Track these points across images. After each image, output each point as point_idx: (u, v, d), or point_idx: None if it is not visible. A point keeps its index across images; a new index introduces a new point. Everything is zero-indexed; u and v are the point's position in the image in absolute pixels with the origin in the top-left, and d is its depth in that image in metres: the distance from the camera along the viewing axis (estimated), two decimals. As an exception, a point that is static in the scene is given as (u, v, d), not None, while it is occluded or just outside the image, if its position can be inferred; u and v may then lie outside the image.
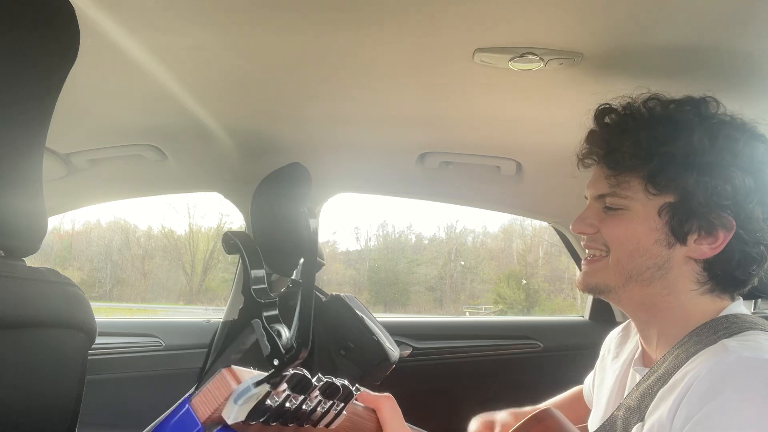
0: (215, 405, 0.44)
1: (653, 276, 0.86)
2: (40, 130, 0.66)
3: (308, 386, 0.49)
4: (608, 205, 0.89)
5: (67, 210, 2.05)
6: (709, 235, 0.83)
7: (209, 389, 0.45)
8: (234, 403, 0.44)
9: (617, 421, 0.85)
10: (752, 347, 0.74)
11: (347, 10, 0.94)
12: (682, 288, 0.86)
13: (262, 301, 0.46)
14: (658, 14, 0.91)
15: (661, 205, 0.85)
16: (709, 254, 0.84)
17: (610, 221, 0.89)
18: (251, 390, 0.45)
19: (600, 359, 1.11)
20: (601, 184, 0.91)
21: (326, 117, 1.47)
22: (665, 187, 0.84)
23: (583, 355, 1.22)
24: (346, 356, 1.60)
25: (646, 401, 0.80)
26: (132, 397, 1.93)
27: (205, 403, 0.44)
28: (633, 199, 0.87)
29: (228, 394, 0.44)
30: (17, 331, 0.61)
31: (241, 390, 0.45)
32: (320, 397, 0.53)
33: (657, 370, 0.84)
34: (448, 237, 9.51)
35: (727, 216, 0.82)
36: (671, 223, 0.84)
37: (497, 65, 1.08)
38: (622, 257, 0.87)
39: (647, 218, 0.86)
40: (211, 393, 0.45)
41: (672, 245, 0.85)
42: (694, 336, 0.82)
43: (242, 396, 0.44)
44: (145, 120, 1.50)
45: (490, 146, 1.63)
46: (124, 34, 1.03)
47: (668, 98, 0.90)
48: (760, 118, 0.89)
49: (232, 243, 0.47)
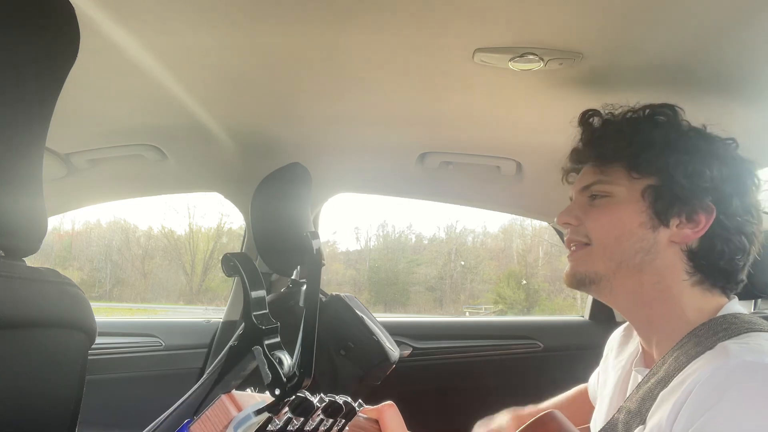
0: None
1: (643, 261, 0.88)
2: (40, 130, 0.66)
3: (310, 409, 0.48)
4: (593, 193, 0.93)
5: (67, 210, 2.05)
6: (690, 219, 0.87)
7: (208, 416, 0.44)
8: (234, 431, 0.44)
9: (618, 424, 0.85)
10: (754, 350, 0.73)
11: (347, 10, 0.94)
12: (672, 277, 0.87)
13: (263, 327, 0.46)
14: (657, 14, 0.91)
15: (644, 187, 0.89)
16: (692, 238, 0.86)
17: (594, 212, 0.92)
18: (251, 418, 0.44)
19: (603, 359, 1.11)
20: (586, 176, 0.96)
21: (326, 117, 1.47)
22: (646, 169, 0.89)
23: (583, 355, 1.22)
24: (346, 356, 1.60)
25: (647, 404, 0.80)
26: (132, 397, 1.92)
27: (204, 430, 0.44)
28: (617, 184, 0.91)
29: (228, 422, 0.44)
30: (17, 331, 0.61)
31: (242, 418, 0.44)
32: (322, 416, 0.52)
33: (657, 372, 0.83)
34: (448, 237, 9.51)
35: (707, 201, 0.86)
36: (655, 205, 0.88)
37: (497, 65, 1.08)
38: (609, 243, 0.90)
39: (631, 201, 0.89)
40: (210, 420, 0.44)
41: (656, 228, 0.88)
42: (693, 337, 0.82)
43: (242, 425, 0.44)
44: (145, 120, 1.50)
45: (490, 146, 1.63)
46: (124, 34, 1.03)
47: (643, 106, 0.96)
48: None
49: (231, 264, 0.47)
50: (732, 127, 0.93)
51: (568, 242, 0.96)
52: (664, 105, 0.94)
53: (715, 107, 1.19)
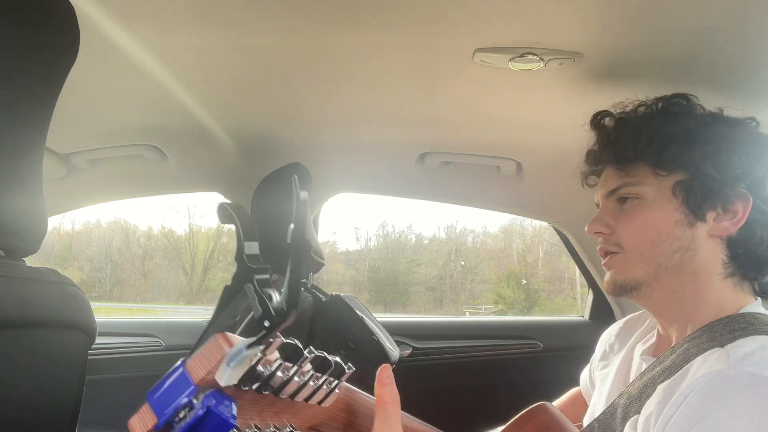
0: (209, 367, 0.44)
1: (682, 259, 0.84)
2: (40, 130, 0.66)
3: (300, 355, 0.50)
4: (621, 196, 0.89)
5: (67, 210, 2.05)
6: (727, 210, 0.84)
7: (203, 352, 0.45)
8: (227, 366, 0.44)
9: (617, 409, 0.84)
10: (756, 362, 0.70)
11: (347, 10, 0.94)
12: (710, 271, 0.84)
13: (254, 266, 0.47)
14: (657, 14, 0.91)
15: (674, 184, 0.85)
16: (732, 230, 0.83)
17: (625, 218, 0.88)
18: (243, 352, 0.45)
19: (602, 356, 1.11)
20: (611, 180, 0.92)
21: (326, 117, 1.47)
22: (672, 164, 0.85)
23: (583, 355, 1.21)
24: (346, 356, 1.59)
25: (648, 390, 0.78)
26: (132, 397, 1.91)
27: (199, 366, 0.45)
28: (645, 184, 0.87)
29: (221, 357, 0.45)
30: (17, 331, 0.62)
31: (233, 353, 0.45)
32: (312, 372, 0.53)
33: (664, 361, 0.82)
34: (448, 237, 9.51)
35: (741, 188, 0.83)
36: (687, 201, 0.84)
37: (497, 65, 1.08)
38: (645, 249, 0.86)
39: (663, 200, 0.86)
40: (204, 356, 0.45)
41: (693, 224, 0.84)
42: (708, 331, 0.80)
43: (234, 358, 0.45)
44: (145, 120, 1.50)
45: (490, 146, 1.63)
46: (124, 34, 1.03)
47: (655, 99, 0.93)
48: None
49: (226, 213, 0.48)
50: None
51: (600, 251, 0.92)
52: (676, 95, 0.91)
53: (715, 107, 1.19)
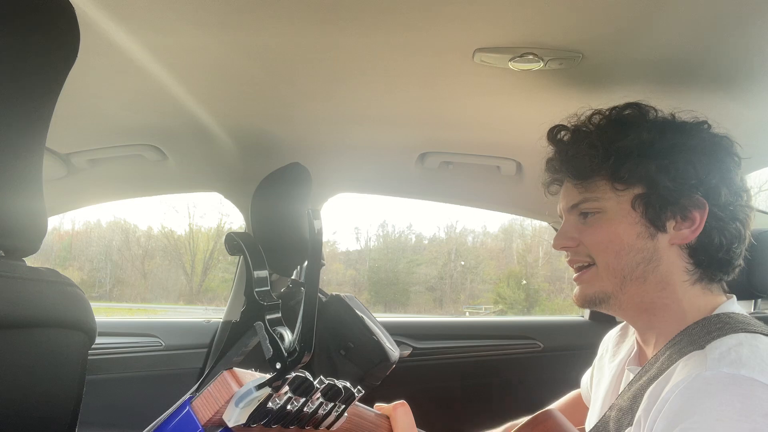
0: (216, 407, 0.44)
1: (645, 271, 0.87)
2: (40, 130, 0.66)
3: (310, 389, 0.49)
4: (583, 211, 0.91)
5: (67, 210, 2.05)
6: (685, 218, 0.86)
7: (210, 391, 0.45)
8: (235, 406, 0.44)
9: (609, 422, 0.85)
10: (732, 361, 0.72)
11: (347, 10, 0.94)
12: (675, 280, 0.87)
13: (264, 303, 0.46)
14: (657, 15, 0.91)
15: (633, 198, 0.88)
16: (691, 237, 0.86)
17: (589, 230, 0.91)
18: (253, 393, 0.44)
19: (598, 358, 1.11)
20: (571, 194, 0.94)
21: (326, 117, 1.47)
22: (629, 179, 0.88)
23: (583, 355, 1.22)
24: (346, 356, 1.60)
25: (638, 402, 0.80)
26: (132, 397, 1.93)
27: (206, 406, 0.44)
28: (604, 199, 0.89)
29: (229, 397, 0.44)
30: (17, 331, 0.61)
31: (243, 393, 0.44)
32: (322, 399, 0.53)
33: (649, 369, 0.84)
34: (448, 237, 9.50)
35: (697, 196, 0.85)
36: (647, 213, 0.87)
37: (497, 65, 1.08)
38: (610, 260, 0.88)
39: (623, 214, 0.88)
40: (212, 395, 0.44)
41: (654, 236, 0.87)
42: (686, 335, 0.82)
43: (243, 399, 0.44)
44: (145, 120, 1.50)
45: (490, 146, 1.63)
46: (124, 34, 1.03)
47: (608, 108, 0.94)
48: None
49: (234, 244, 0.47)
50: (732, 127, 0.93)
51: (570, 264, 0.94)
52: (628, 105, 0.93)
53: (715, 107, 1.19)
